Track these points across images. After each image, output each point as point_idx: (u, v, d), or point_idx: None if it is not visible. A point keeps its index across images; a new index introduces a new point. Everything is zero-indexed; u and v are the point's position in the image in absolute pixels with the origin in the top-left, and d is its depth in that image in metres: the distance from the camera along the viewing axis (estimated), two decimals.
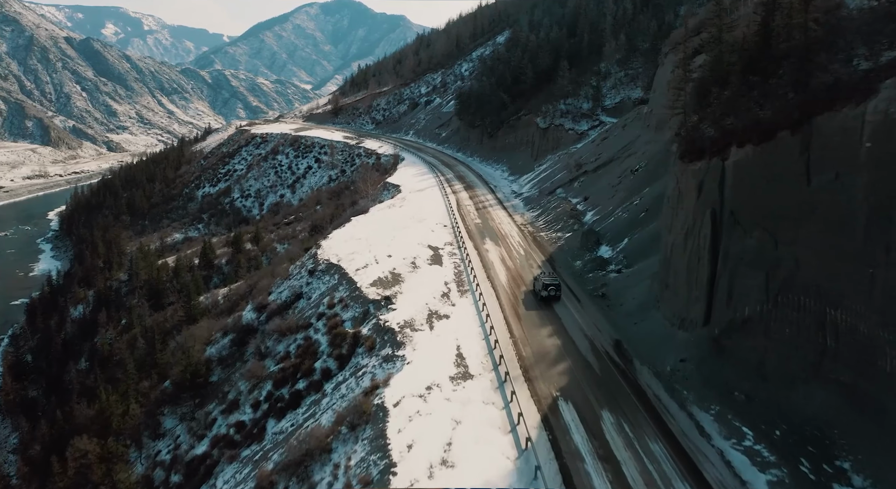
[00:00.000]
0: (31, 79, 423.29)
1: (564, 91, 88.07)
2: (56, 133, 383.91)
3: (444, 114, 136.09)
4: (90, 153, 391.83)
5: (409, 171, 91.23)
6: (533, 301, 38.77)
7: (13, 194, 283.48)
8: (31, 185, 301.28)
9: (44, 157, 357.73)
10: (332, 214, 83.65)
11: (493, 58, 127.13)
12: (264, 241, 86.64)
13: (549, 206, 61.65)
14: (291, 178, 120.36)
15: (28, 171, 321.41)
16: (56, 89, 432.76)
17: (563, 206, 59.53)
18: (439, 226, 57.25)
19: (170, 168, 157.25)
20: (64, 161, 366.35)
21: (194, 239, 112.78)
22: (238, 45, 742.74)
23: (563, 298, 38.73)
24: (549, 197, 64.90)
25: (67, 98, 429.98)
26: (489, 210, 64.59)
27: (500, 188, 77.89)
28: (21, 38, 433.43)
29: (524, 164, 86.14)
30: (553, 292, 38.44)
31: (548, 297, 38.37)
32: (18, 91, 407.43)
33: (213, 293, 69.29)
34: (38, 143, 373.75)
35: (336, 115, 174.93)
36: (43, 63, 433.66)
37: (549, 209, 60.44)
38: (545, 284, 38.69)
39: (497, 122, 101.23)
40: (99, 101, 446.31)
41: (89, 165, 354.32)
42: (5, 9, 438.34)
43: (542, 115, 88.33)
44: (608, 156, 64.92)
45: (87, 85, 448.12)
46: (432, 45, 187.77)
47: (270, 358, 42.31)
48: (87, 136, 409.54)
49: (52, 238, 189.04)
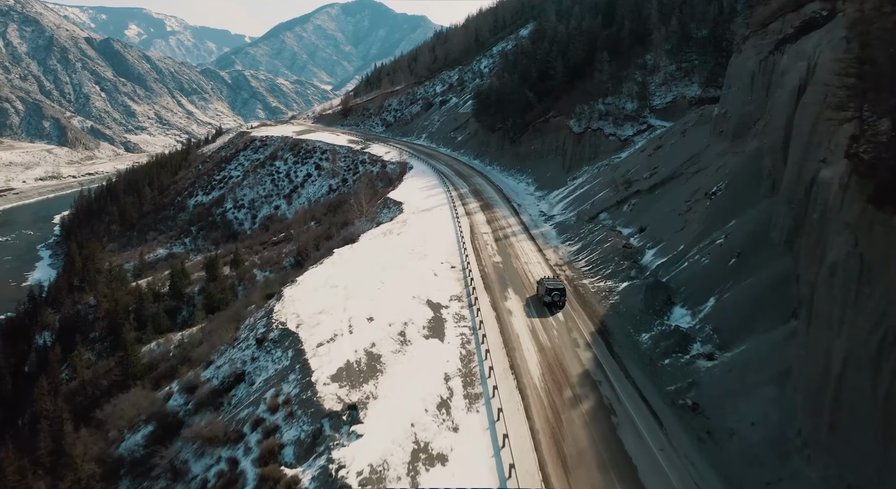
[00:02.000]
0: (50, 79, 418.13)
1: (603, 88, 72.45)
2: (73, 133, 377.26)
3: (460, 115, 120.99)
4: (107, 154, 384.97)
5: (417, 182, 76.48)
6: (584, 419, 23.75)
7: (23, 196, 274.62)
8: (43, 186, 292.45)
9: (59, 157, 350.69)
10: (323, 235, 69.31)
11: (515, 52, 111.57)
12: (243, 267, 72.54)
13: (592, 237, 46.39)
14: (289, 187, 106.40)
15: (41, 172, 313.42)
16: (75, 89, 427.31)
17: (612, 238, 44.25)
18: (445, 266, 42.40)
19: (166, 173, 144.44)
20: (80, 162, 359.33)
21: (178, 255, 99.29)
22: (259, 46, 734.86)
23: (636, 420, 23.65)
24: (589, 224, 49.63)
25: (86, 98, 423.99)
26: (512, 240, 49.60)
27: (526, 208, 62.67)
28: (41, 39, 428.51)
29: (554, 177, 70.83)
30: (557, 298, 34.82)
31: (550, 303, 34.85)
32: (37, 91, 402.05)
33: (167, 339, 55.19)
34: (55, 143, 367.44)
35: (345, 116, 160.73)
36: (62, 63, 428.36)
37: (593, 243, 45.16)
38: (548, 289, 35.09)
39: (521, 125, 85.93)
40: (118, 101, 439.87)
41: (105, 166, 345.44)
42: (27, 9, 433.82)
43: (576, 116, 72.91)
44: (667, 171, 49.40)
45: (107, 85, 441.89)
46: (449, 41, 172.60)
47: (183, 483, 27.92)
48: (104, 137, 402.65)
49: (52, 244, 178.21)
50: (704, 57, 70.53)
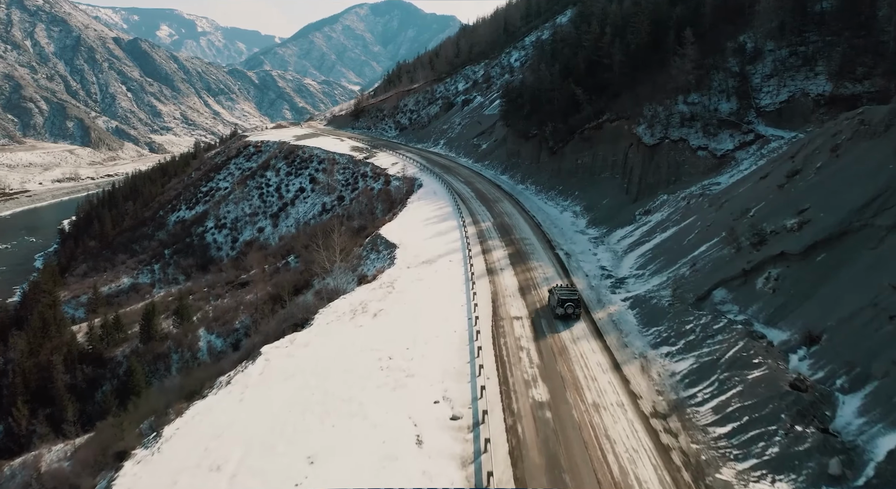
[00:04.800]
0: (77, 79, 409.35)
1: (683, 82, 50.64)
2: (97, 134, 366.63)
3: (485, 118, 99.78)
4: (130, 155, 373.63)
5: (424, 209, 55.86)
6: None
7: (36, 199, 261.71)
8: (59, 188, 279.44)
9: (81, 158, 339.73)
10: (291, 283, 49.16)
11: (554, 40, 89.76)
12: (190, 323, 52.86)
13: (713, 347, 24.89)
14: (278, 203, 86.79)
15: (59, 174, 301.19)
16: (101, 89, 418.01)
17: (757, 358, 22.68)
18: (440, 414, 21.54)
19: (154, 183, 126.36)
20: (102, 162, 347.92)
21: (140, 288, 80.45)
22: (287, 46, 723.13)
23: None
24: (699, 311, 28.13)
25: (112, 98, 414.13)
26: (564, 338, 28.50)
27: (578, 259, 41.07)
28: (69, 39, 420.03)
29: (614, 206, 49.33)
30: (571, 310, 28.40)
31: (564, 315, 28.49)
32: (64, 91, 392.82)
33: (42, 453, 35.70)
34: (78, 143, 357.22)
35: (357, 118, 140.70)
36: (89, 63, 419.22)
37: (719, 363, 23.62)
38: (561, 299, 28.61)
39: (563, 132, 64.55)
40: (144, 101, 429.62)
41: (126, 167, 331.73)
42: (55, 9, 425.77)
43: (645, 120, 51.28)
44: (833, 219, 27.53)
45: (133, 85, 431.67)
46: (475, 32, 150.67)
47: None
48: (129, 137, 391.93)
49: (51, 254, 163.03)
50: (831, 37, 48.41)
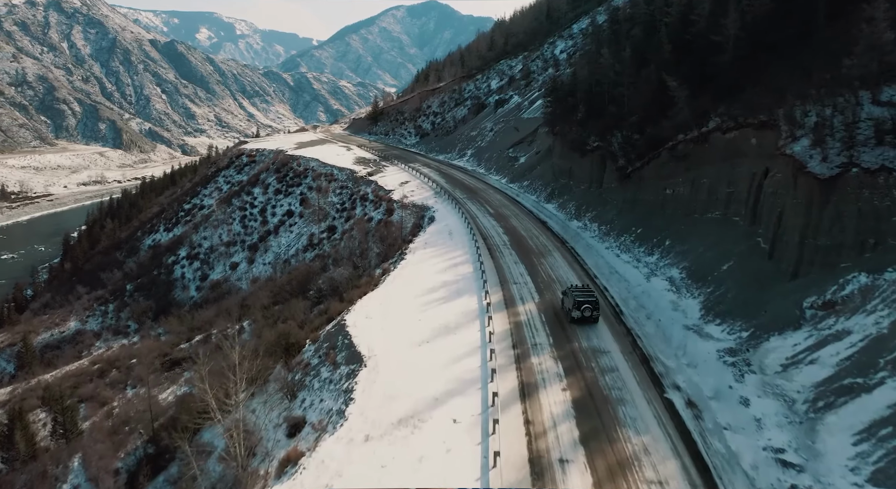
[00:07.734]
0: (112, 81, 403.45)
1: (873, 66, 28.78)
2: (129, 136, 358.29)
3: (524, 122, 78.55)
4: (162, 156, 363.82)
5: (426, 270, 35.17)
6: None
7: (58, 203, 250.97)
8: (82, 192, 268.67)
9: (111, 160, 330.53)
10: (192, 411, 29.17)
11: (613, 21, 67.70)
12: (62, 446, 33.65)
13: None
14: (259, 230, 67.57)
15: (85, 177, 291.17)
16: (136, 91, 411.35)
17: None
18: None
19: (144, 197, 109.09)
20: (133, 165, 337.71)
21: (83, 338, 62.12)
22: (324, 49, 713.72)
23: None
24: None
25: (147, 100, 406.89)
26: None
27: (718, 422, 19.16)
28: (105, 41, 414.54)
29: (746, 276, 27.55)
30: (589, 313, 24.43)
31: (581, 319, 24.42)
32: (99, 93, 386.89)
33: None
34: (110, 145, 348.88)
35: (375, 121, 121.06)
36: (125, 65, 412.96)
37: None
38: (577, 301, 24.33)
39: (643, 145, 42.98)
40: (178, 103, 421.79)
41: (156, 170, 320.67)
42: (92, 12, 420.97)
43: (805, 132, 29.49)
44: None
45: (168, 87, 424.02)
46: (512, 23, 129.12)
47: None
48: (162, 139, 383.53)
49: (56, 266, 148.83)
50: None
